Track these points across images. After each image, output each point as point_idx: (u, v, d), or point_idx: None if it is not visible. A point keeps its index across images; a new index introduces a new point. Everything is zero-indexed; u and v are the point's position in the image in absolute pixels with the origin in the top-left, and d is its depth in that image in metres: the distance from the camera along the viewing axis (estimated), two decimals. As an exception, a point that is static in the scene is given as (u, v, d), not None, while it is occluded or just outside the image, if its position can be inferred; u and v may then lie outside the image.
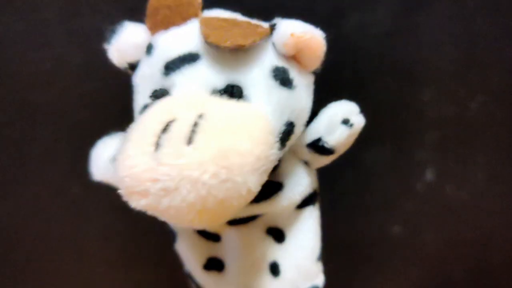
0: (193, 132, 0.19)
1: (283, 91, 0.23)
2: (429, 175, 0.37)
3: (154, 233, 0.38)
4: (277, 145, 0.22)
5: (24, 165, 0.35)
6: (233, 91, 0.22)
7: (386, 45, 0.34)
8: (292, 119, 0.23)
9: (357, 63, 0.34)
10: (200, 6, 0.23)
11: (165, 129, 0.19)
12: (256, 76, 0.22)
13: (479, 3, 0.33)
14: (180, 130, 0.19)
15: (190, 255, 0.28)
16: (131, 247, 0.38)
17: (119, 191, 0.21)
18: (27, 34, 0.33)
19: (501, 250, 0.39)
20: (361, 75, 0.35)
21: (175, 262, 0.31)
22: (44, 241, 0.37)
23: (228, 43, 0.21)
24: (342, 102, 0.25)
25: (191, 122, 0.19)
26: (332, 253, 0.31)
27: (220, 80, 0.22)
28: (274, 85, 0.23)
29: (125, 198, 0.20)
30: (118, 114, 0.35)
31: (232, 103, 0.21)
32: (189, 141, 0.19)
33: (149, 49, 0.24)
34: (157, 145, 0.19)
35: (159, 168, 0.18)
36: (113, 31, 0.24)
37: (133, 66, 0.24)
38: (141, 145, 0.19)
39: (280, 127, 0.23)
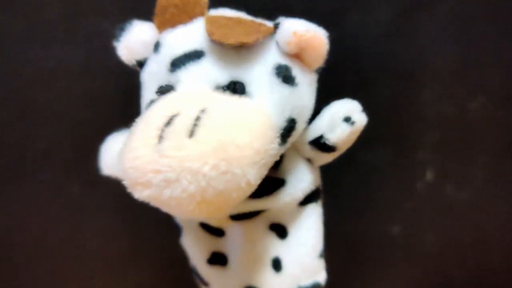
0: (195, 125, 0.19)
1: (285, 88, 0.23)
2: (429, 175, 0.37)
3: (154, 233, 0.38)
4: (278, 140, 0.22)
5: (24, 164, 0.35)
6: (235, 87, 0.22)
7: (387, 45, 0.34)
8: (294, 116, 0.24)
9: (358, 64, 0.34)
10: (207, 6, 0.24)
11: (168, 123, 0.20)
12: (259, 73, 0.23)
13: (479, 3, 0.34)
14: (182, 123, 0.20)
15: (194, 249, 0.29)
16: (131, 246, 0.38)
17: (123, 182, 0.21)
18: (28, 33, 0.33)
19: (501, 250, 0.39)
20: (362, 75, 0.35)
21: (175, 262, 0.31)
22: (44, 240, 0.37)
23: (231, 41, 0.22)
24: (345, 100, 0.26)
25: (194, 116, 0.20)
26: (332, 253, 0.31)
27: (224, 76, 0.23)
28: (276, 82, 0.23)
29: (129, 189, 0.21)
30: (119, 114, 0.35)
31: (234, 98, 0.22)
32: (191, 134, 0.19)
33: (157, 46, 0.24)
34: (160, 138, 0.19)
35: (161, 160, 0.19)
36: (122, 29, 0.25)
37: (141, 63, 0.25)
38: (145, 138, 0.20)
39: (281, 123, 0.23)
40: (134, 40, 0.24)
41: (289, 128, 0.24)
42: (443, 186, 0.37)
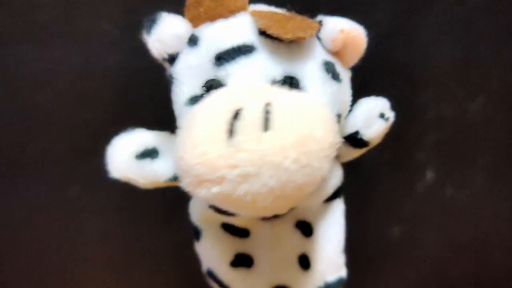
0: (267, 119, 0.19)
1: (334, 84, 0.24)
2: (429, 176, 0.37)
3: (153, 234, 0.38)
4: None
5: (23, 165, 0.35)
6: (292, 82, 0.22)
7: (386, 46, 0.34)
8: (340, 112, 0.24)
9: (357, 64, 0.34)
10: (248, 0, 0.24)
11: (235, 117, 0.19)
12: (311, 68, 0.23)
13: (479, 4, 0.33)
14: (253, 116, 0.19)
15: (216, 252, 0.28)
16: (130, 247, 0.38)
17: (182, 181, 0.20)
18: (28, 34, 0.33)
19: (501, 251, 0.39)
20: (361, 76, 0.34)
21: (175, 262, 0.31)
22: (43, 240, 0.37)
23: (289, 35, 0.22)
24: (375, 97, 0.26)
25: (262, 109, 0.19)
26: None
27: (278, 71, 0.22)
28: (327, 78, 0.23)
29: (192, 187, 0.20)
30: (118, 114, 0.35)
31: (295, 93, 0.21)
32: (266, 127, 0.19)
33: (194, 40, 0.23)
34: (231, 132, 0.19)
35: (239, 154, 0.18)
36: (153, 21, 0.23)
37: (173, 58, 0.24)
38: (212, 133, 0.19)
39: (333, 118, 0.23)
40: (167, 33, 0.23)
41: (337, 123, 0.24)
42: (442, 187, 0.37)
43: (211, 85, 0.22)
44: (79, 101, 0.34)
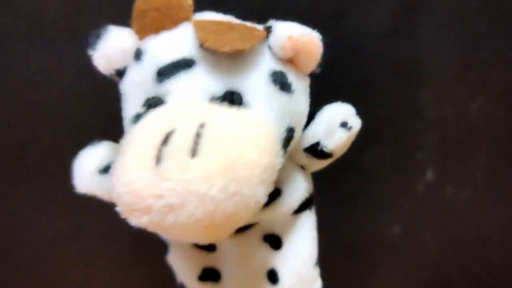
0: (196, 143, 0.18)
1: (283, 96, 0.22)
2: (429, 175, 0.37)
3: (154, 233, 0.38)
4: (281, 153, 0.21)
5: (25, 164, 0.35)
6: (233, 98, 0.21)
7: (387, 45, 0.34)
8: (293, 125, 0.23)
9: (358, 64, 0.34)
10: (191, 9, 0.22)
11: (165, 141, 0.18)
12: (256, 82, 0.22)
13: (479, 4, 0.34)
14: (182, 141, 0.18)
15: (184, 266, 0.27)
16: (132, 246, 0.38)
17: (116, 208, 0.20)
18: (29, 34, 0.33)
19: (501, 250, 0.39)
20: (362, 75, 0.35)
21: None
22: (45, 240, 0.37)
23: (226, 48, 0.20)
24: (338, 104, 0.25)
25: (193, 132, 0.18)
26: (332, 253, 0.31)
27: (219, 86, 0.21)
28: (274, 90, 0.22)
29: (124, 215, 0.19)
30: (119, 114, 0.35)
31: (233, 110, 0.20)
32: (193, 153, 0.18)
33: (138, 54, 0.22)
34: (158, 159, 0.18)
35: (163, 183, 0.18)
36: (97, 36, 0.23)
37: (120, 73, 0.23)
38: (140, 159, 0.18)
39: (281, 133, 0.22)
40: (112, 47, 0.22)
41: (288, 137, 0.23)
42: (443, 186, 0.37)
43: (150, 104, 0.21)
44: (81, 100, 0.34)
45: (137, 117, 0.22)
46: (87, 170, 0.24)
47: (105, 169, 0.24)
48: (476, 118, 0.35)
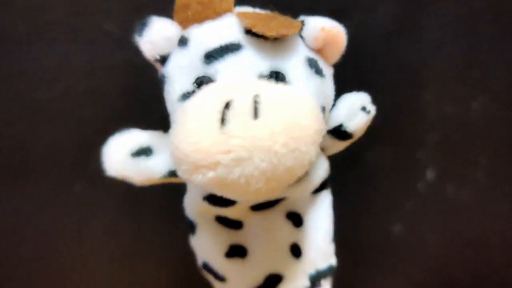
0: (256, 108, 0.20)
1: (317, 79, 0.25)
2: (430, 175, 0.37)
3: (157, 231, 0.38)
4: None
5: (27, 163, 0.36)
6: (278, 76, 0.23)
7: (388, 45, 0.34)
8: (324, 105, 0.26)
9: (359, 64, 0.34)
10: (233, 1, 0.25)
11: (226, 107, 0.20)
12: (295, 64, 0.24)
13: (481, 3, 0.34)
14: (243, 106, 0.20)
15: (211, 244, 0.29)
16: (135, 244, 0.39)
17: (178, 169, 0.21)
18: (32, 33, 0.33)
19: (502, 250, 0.39)
20: (363, 75, 0.35)
21: (179, 260, 0.31)
22: (48, 238, 0.37)
23: (273, 33, 0.23)
24: (357, 93, 0.27)
25: (251, 100, 0.21)
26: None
27: (265, 66, 0.23)
28: (310, 73, 0.24)
29: (188, 174, 0.21)
30: (122, 112, 0.35)
31: (281, 86, 0.23)
32: (255, 115, 0.20)
33: (183, 41, 0.25)
34: (223, 121, 0.20)
35: (231, 140, 0.20)
36: (144, 24, 0.25)
37: (164, 58, 0.25)
38: (205, 122, 0.20)
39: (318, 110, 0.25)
40: (158, 35, 0.25)
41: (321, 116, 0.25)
42: (444, 186, 0.37)
43: (202, 81, 0.24)
44: (84, 99, 0.35)
45: (186, 95, 0.24)
46: (120, 153, 0.26)
47: (138, 153, 0.26)
48: (477, 118, 0.36)
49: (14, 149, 0.35)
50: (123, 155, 0.26)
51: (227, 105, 0.20)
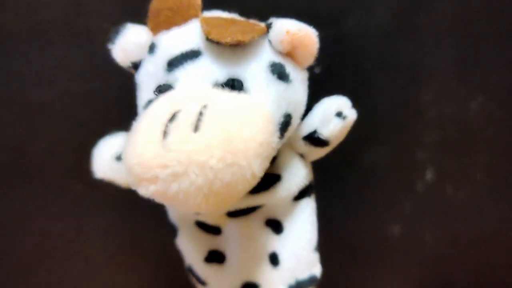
0: (199, 120, 0.20)
1: (280, 85, 0.24)
2: (429, 175, 0.37)
3: (155, 231, 0.38)
4: (278, 134, 0.23)
5: (26, 164, 0.36)
6: (234, 84, 0.23)
7: (387, 45, 0.34)
8: (290, 111, 0.25)
9: (358, 63, 0.34)
10: (200, 8, 0.25)
11: (171, 119, 0.20)
12: (255, 70, 0.24)
13: (479, 3, 0.34)
14: (186, 118, 0.20)
15: (191, 248, 0.29)
16: (132, 245, 0.39)
17: (128, 179, 0.21)
18: (29, 33, 0.33)
19: (501, 250, 0.39)
20: (362, 75, 0.35)
21: (177, 260, 0.31)
22: (46, 239, 0.37)
23: (228, 39, 0.22)
24: (335, 96, 0.27)
25: (197, 111, 0.20)
26: (332, 253, 0.31)
27: (222, 74, 0.23)
28: (271, 79, 0.24)
29: (134, 186, 0.21)
30: (120, 113, 0.35)
31: (234, 94, 0.22)
32: (196, 128, 0.20)
33: (152, 48, 0.25)
34: (165, 133, 0.20)
35: (168, 154, 0.19)
36: (116, 32, 0.25)
37: (136, 65, 0.26)
38: (149, 134, 0.20)
39: (278, 118, 0.24)
40: (129, 42, 0.25)
41: (285, 123, 0.24)
42: (443, 186, 0.37)
43: (161, 90, 0.23)
44: (82, 100, 0.35)
45: (149, 103, 0.24)
46: (105, 157, 0.27)
47: (121, 157, 0.26)
48: (476, 118, 0.36)
49: (12, 149, 0.35)
50: (108, 158, 0.26)
51: (172, 117, 0.20)
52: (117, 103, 0.35)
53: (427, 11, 0.34)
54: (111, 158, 0.26)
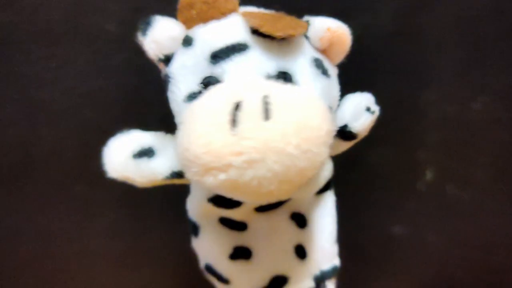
0: (267, 110, 0.20)
1: (324, 79, 0.25)
2: (431, 175, 0.37)
3: (158, 231, 0.38)
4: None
5: (29, 163, 0.36)
6: (285, 77, 0.23)
7: (389, 45, 0.34)
8: (331, 105, 0.26)
9: (360, 64, 0.34)
10: (238, 1, 0.25)
11: (236, 108, 0.20)
12: (302, 64, 0.24)
13: (482, 4, 0.34)
14: (254, 107, 0.20)
15: (215, 246, 0.29)
16: (135, 245, 0.39)
17: (188, 171, 0.21)
18: (32, 33, 0.33)
19: (503, 250, 0.39)
20: (364, 75, 0.35)
21: (180, 260, 0.31)
22: (49, 239, 0.38)
23: (280, 33, 0.23)
24: (360, 93, 0.28)
25: (261, 101, 0.20)
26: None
27: (272, 67, 0.23)
28: (317, 73, 0.24)
29: (199, 176, 0.21)
30: (122, 113, 0.35)
31: (290, 86, 0.22)
32: (266, 116, 0.20)
33: (188, 41, 0.25)
34: (234, 122, 0.20)
35: (243, 142, 0.19)
36: (148, 23, 0.24)
37: (168, 58, 0.25)
38: (215, 123, 0.20)
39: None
40: (162, 35, 0.24)
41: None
42: (444, 186, 0.37)
43: (209, 82, 0.23)
44: (85, 100, 0.35)
45: (192, 96, 0.24)
46: (121, 155, 0.25)
47: (139, 154, 0.25)
48: (478, 118, 0.36)
49: (15, 149, 0.35)
50: (124, 156, 0.25)
51: (237, 106, 0.20)
52: (118, 102, 0.35)
53: (429, 13, 0.34)
54: (128, 157, 0.25)
